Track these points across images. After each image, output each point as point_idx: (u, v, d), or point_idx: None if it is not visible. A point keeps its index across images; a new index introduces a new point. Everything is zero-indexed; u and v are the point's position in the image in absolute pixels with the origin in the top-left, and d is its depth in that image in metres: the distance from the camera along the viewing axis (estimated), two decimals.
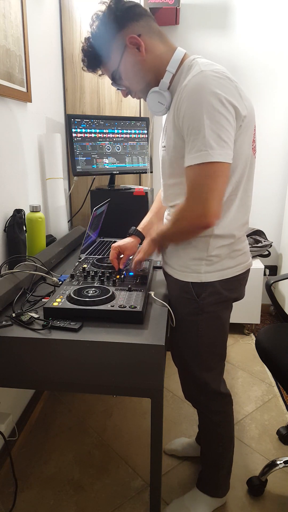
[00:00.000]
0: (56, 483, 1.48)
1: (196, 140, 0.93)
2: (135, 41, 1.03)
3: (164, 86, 1.05)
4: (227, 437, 1.30)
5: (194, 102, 0.93)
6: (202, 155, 0.93)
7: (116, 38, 1.04)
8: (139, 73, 1.07)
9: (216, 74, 0.94)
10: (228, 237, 1.10)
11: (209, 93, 0.92)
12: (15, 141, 1.53)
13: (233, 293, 1.16)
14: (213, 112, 0.92)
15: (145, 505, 1.39)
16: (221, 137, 0.93)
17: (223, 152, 0.93)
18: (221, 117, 0.92)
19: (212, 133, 0.92)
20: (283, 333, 1.41)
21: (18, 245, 1.43)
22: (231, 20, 2.45)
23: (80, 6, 1.97)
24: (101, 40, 1.06)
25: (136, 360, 0.96)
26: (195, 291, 1.12)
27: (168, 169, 1.12)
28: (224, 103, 0.92)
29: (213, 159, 0.92)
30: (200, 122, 0.92)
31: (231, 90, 0.94)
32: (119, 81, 1.11)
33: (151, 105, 1.08)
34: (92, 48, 1.08)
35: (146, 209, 1.87)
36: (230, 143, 0.95)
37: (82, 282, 1.20)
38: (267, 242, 2.61)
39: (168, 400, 1.95)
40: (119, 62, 1.06)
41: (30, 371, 1.00)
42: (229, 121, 0.94)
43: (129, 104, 2.08)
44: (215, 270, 1.11)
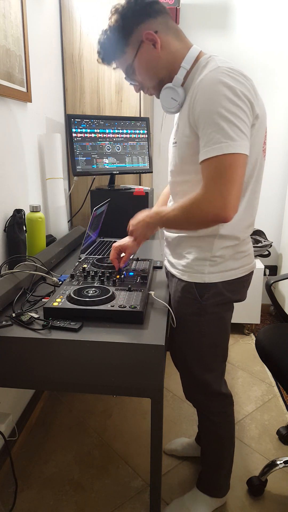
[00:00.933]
0: (56, 483, 1.48)
1: (214, 132, 0.92)
2: (152, 37, 1.03)
3: (178, 82, 1.05)
4: (227, 437, 1.30)
5: (211, 96, 0.93)
6: (222, 147, 0.91)
7: (133, 33, 1.04)
8: (153, 69, 1.07)
9: (232, 70, 0.94)
10: (233, 238, 1.09)
11: (225, 86, 0.91)
12: (15, 141, 1.53)
13: (235, 295, 1.16)
14: (230, 104, 0.91)
15: (145, 505, 1.39)
16: (240, 129, 0.92)
17: (243, 144, 0.92)
18: (238, 109, 0.92)
19: (232, 125, 0.91)
20: (283, 333, 1.41)
21: (18, 245, 1.43)
22: (231, 20, 2.45)
23: (80, 6, 1.97)
24: (118, 33, 1.06)
25: (136, 360, 0.96)
26: (198, 291, 1.12)
27: (177, 166, 1.10)
28: (240, 96, 0.92)
29: (235, 150, 0.91)
30: (218, 114, 0.91)
31: (246, 87, 0.94)
32: (132, 76, 1.11)
33: (164, 101, 1.07)
34: (108, 41, 1.08)
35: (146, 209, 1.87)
36: (248, 135, 0.94)
37: (82, 282, 1.20)
38: (267, 242, 2.61)
39: (168, 400, 1.95)
40: (134, 57, 1.06)
41: (30, 371, 1.00)
42: (246, 114, 0.93)
43: (129, 104, 2.08)
44: (219, 271, 1.10)
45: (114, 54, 1.10)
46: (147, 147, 2.03)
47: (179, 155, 1.08)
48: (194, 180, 1.06)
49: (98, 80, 2.06)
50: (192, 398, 1.30)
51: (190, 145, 1.02)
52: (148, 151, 2.03)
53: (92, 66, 2.04)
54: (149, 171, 2.05)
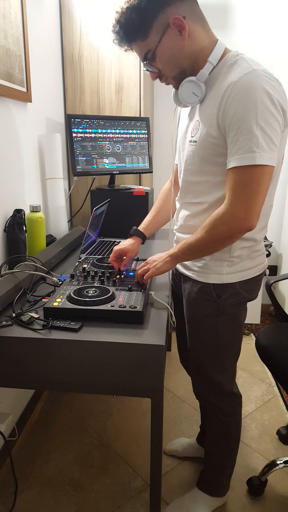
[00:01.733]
0: (56, 483, 1.48)
1: (247, 140, 0.90)
2: (179, 23, 0.96)
3: (203, 77, 1.00)
4: (234, 438, 1.30)
5: (248, 101, 0.89)
6: (255, 156, 0.90)
7: (159, 16, 0.96)
8: (176, 58, 1.00)
9: (267, 75, 0.91)
10: (251, 240, 1.09)
11: (263, 93, 0.89)
12: (15, 141, 1.53)
13: (251, 294, 1.15)
14: (267, 113, 0.89)
15: (145, 505, 1.39)
16: (272, 140, 0.91)
17: (272, 155, 0.91)
18: (273, 119, 0.90)
19: (265, 135, 0.89)
20: (283, 333, 1.41)
21: (18, 245, 1.43)
22: (231, 20, 2.45)
23: (80, 6, 1.97)
24: (142, 14, 0.96)
25: (136, 360, 0.96)
26: (215, 292, 1.11)
27: (196, 166, 1.06)
28: (275, 103, 0.90)
29: (266, 162, 0.90)
30: (253, 121, 0.89)
31: (280, 93, 0.92)
32: (151, 62, 1.02)
33: (184, 95, 1.01)
34: (130, 22, 0.98)
35: (146, 209, 1.87)
36: (278, 146, 0.93)
37: (82, 282, 1.20)
38: (267, 242, 2.61)
39: (168, 400, 1.95)
40: (157, 42, 0.98)
41: (30, 371, 1.00)
42: (280, 124, 0.92)
43: (129, 104, 2.08)
44: (236, 271, 1.09)
45: (134, 37, 1.00)
46: (147, 147, 2.03)
47: (199, 155, 1.04)
48: (212, 181, 1.04)
49: (98, 80, 2.06)
50: (204, 399, 1.29)
51: (215, 146, 0.99)
52: (148, 151, 2.03)
53: (92, 66, 2.04)
54: (149, 171, 2.05)
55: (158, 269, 1.13)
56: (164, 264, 1.13)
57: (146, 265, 1.17)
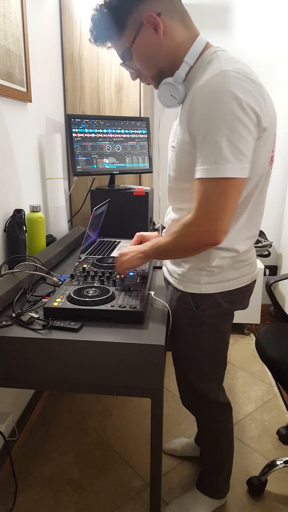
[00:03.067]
0: (56, 483, 1.48)
1: (211, 151, 0.84)
2: (154, 20, 0.90)
3: (179, 79, 0.93)
4: (226, 444, 1.28)
5: (212, 107, 0.83)
6: (217, 169, 0.84)
7: (132, 13, 0.90)
8: (154, 57, 0.95)
9: (238, 75, 0.83)
10: (231, 250, 1.03)
11: (229, 97, 0.81)
12: (15, 141, 1.53)
13: (235, 306, 1.10)
14: (233, 119, 0.82)
15: (145, 505, 1.39)
16: (240, 149, 0.83)
17: (240, 167, 0.84)
18: (241, 125, 0.82)
19: (231, 145, 0.82)
20: (283, 333, 1.41)
21: (18, 245, 1.43)
22: (231, 20, 2.45)
23: (80, 6, 1.97)
24: (115, 12, 0.92)
25: (136, 360, 0.96)
26: (194, 302, 1.06)
27: (175, 172, 1.02)
28: (245, 109, 0.82)
29: (230, 175, 0.84)
30: (218, 130, 0.82)
31: (253, 95, 0.84)
32: (129, 62, 0.99)
33: (162, 97, 0.97)
34: (103, 20, 0.93)
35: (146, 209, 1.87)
36: (249, 155, 0.86)
37: (82, 282, 1.20)
38: (267, 242, 2.61)
39: (168, 400, 1.95)
40: (132, 41, 0.93)
41: (30, 371, 1.00)
42: (250, 131, 0.84)
43: (129, 104, 2.08)
44: (216, 282, 1.04)
45: (109, 35, 0.96)
46: (147, 147, 2.03)
47: (177, 162, 0.99)
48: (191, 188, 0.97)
49: (98, 80, 2.06)
50: (190, 406, 1.29)
51: (190, 153, 0.93)
52: (148, 151, 2.03)
53: (92, 66, 2.04)
54: (149, 171, 2.05)
55: (130, 263, 1.09)
56: (136, 259, 1.09)
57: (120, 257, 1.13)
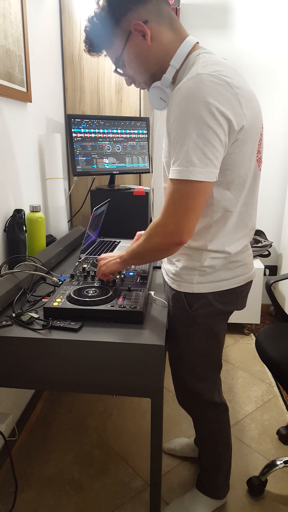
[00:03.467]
0: (56, 483, 1.48)
1: (179, 153, 0.87)
2: (141, 28, 0.94)
3: (167, 82, 0.97)
4: (223, 444, 1.28)
5: (183, 111, 0.85)
6: (182, 171, 0.86)
7: (120, 22, 0.95)
8: (144, 63, 0.99)
9: (213, 78, 0.84)
10: (223, 252, 1.04)
11: (200, 102, 0.83)
12: (15, 141, 1.53)
13: (228, 307, 1.10)
14: (201, 125, 0.83)
15: (145, 505, 1.39)
16: (206, 154, 0.85)
17: (205, 171, 0.86)
18: (209, 131, 0.84)
19: (196, 149, 0.84)
20: (283, 333, 1.41)
21: (18, 245, 1.43)
22: (231, 20, 2.45)
23: (80, 6, 1.97)
24: (105, 22, 0.97)
25: (136, 360, 0.96)
26: (187, 301, 1.07)
27: (165, 173, 1.06)
28: (215, 114, 0.84)
29: (193, 178, 0.86)
30: (186, 134, 0.85)
31: (227, 98, 0.85)
32: (122, 69, 1.03)
33: (153, 101, 1.01)
34: (95, 30, 0.99)
35: (146, 209, 1.87)
36: (216, 160, 0.87)
37: (82, 282, 1.20)
38: (267, 242, 2.61)
39: (168, 400, 1.95)
40: (122, 49, 0.98)
41: (30, 371, 1.00)
42: (218, 136, 0.85)
43: (129, 104, 2.08)
44: (208, 281, 1.04)
45: (101, 45, 1.01)
46: (147, 147, 2.03)
47: (166, 162, 1.03)
48: None
49: (98, 80, 2.06)
50: (185, 406, 1.29)
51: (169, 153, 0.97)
52: (148, 151, 2.03)
53: (92, 66, 2.04)
54: (149, 171, 2.05)
55: (108, 267, 1.13)
56: (114, 264, 1.12)
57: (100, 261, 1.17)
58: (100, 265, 1.16)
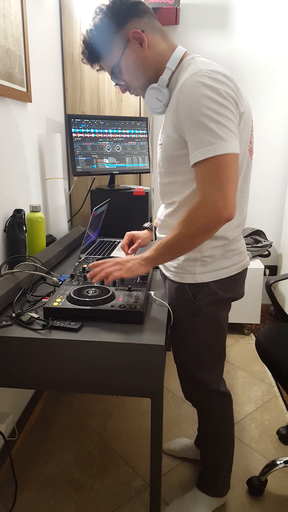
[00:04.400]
0: (56, 483, 1.48)
1: (204, 134, 0.91)
2: (139, 36, 1.03)
3: (163, 83, 1.05)
4: (226, 437, 1.30)
5: (193, 99, 0.92)
6: (215, 148, 0.90)
7: (119, 32, 1.04)
8: (140, 69, 1.07)
9: (212, 72, 0.93)
10: (222, 239, 1.09)
11: (207, 88, 0.91)
12: (15, 141, 1.53)
13: (229, 293, 1.15)
14: (215, 104, 0.90)
15: (145, 505, 1.39)
16: (229, 128, 0.91)
17: (233, 143, 0.91)
18: (224, 108, 0.91)
19: (220, 125, 0.90)
20: (283, 333, 1.41)
21: (18, 245, 1.43)
22: (231, 20, 2.45)
23: (80, 6, 1.97)
24: (104, 33, 1.05)
25: (136, 360, 0.96)
26: (191, 292, 1.12)
27: (164, 168, 1.10)
28: (223, 95, 0.91)
29: (227, 151, 0.90)
30: (204, 116, 0.90)
31: (229, 86, 0.93)
32: (118, 76, 1.10)
33: (149, 101, 1.08)
34: (93, 41, 1.07)
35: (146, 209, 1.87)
36: (237, 133, 0.94)
37: (82, 282, 1.20)
38: (267, 242, 2.61)
39: (168, 400, 1.95)
40: (120, 56, 1.06)
41: (30, 371, 1.01)
42: (233, 112, 0.93)
43: (129, 104, 2.08)
44: (210, 271, 1.10)
45: (99, 54, 1.09)
46: (147, 147, 2.03)
47: (165, 157, 1.07)
48: (181, 181, 1.06)
49: (98, 80, 2.06)
50: (191, 398, 1.30)
51: (175, 145, 1.02)
52: (148, 151, 2.03)
53: None
54: (149, 171, 2.05)
55: (132, 271, 1.07)
56: (139, 267, 1.07)
57: (117, 264, 1.08)
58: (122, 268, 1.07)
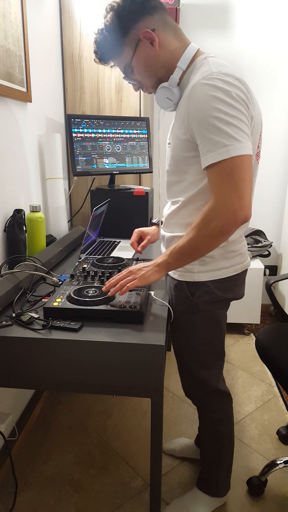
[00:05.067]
0: (56, 483, 1.48)
1: (217, 137, 0.91)
2: (149, 35, 1.01)
3: (174, 82, 1.04)
4: (226, 435, 1.30)
5: (205, 102, 0.92)
6: (229, 150, 0.90)
7: (130, 32, 1.03)
8: (152, 68, 1.06)
9: (225, 75, 0.92)
10: None
11: (219, 91, 0.91)
12: (15, 141, 1.53)
13: (228, 294, 1.15)
14: (227, 107, 0.90)
15: (145, 505, 1.39)
16: (242, 130, 0.91)
17: (247, 145, 0.91)
18: (236, 111, 0.91)
19: (233, 127, 0.90)
20: (283, 333, 1.41)
21: (18, 245, 1.43)
22: (231, 20, 2.45)
23: (80, 6, 1.97)
24: (115, 33, 1.04)
25: (136, 360, 0.96)
26: (189, 290, 1.12)
27: (171, 166, 1.10)
28: (235, 98, 0.91)
29: (241, 152, 0.90)
30: (217, 119, 0.90)
31: (241, 90, 0.93)
32: (131, 75, 1.10)
33: (160, 100, 1.07)
34: (105, 41, 1.06)
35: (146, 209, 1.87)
36: (250, 135, 0.94)
37: (82, 282, 1.20)
38: (267, 242, 2.61)
39: (168, 400, 1.95)
40: (132, 56, 1.05)
41: (30, 371, 1.00)
42: (245, 114, 0.93)
43: (129, 104, 2.08)
44: (208, 270, 1.10)
45: (111, 54, 1.08)
46: (147, 147, 2.03)
47: (173, 156, 1.07)
48: (188, 180, 1.06)
49: (98, 80, 2.06)
50: (191, 395, 1.30)
51: (184, 147, 1.02)
52: (148, 151, 2.03)
53: (92, 66, 2.04)
54: (149, 171, 2.05)
55: (146, 279, 1.05)
56: (153, 274, 1.05)
57: (130, 274, 1.07)
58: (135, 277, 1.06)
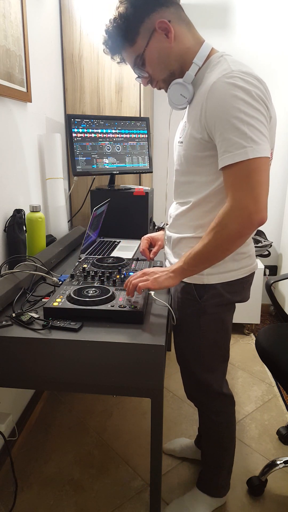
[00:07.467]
0: (56, 483, 1.48)
1: (236, 137, 0.89)
2: (165, 26, 0.99)
3: (189, 79, 1.01)
4: (228, 437, 1.30)
5: (226, 100, 0.90)
6: (247, 151, 0.88)
7: (145, 21, 1.00)
8: (165, 60, 1.03)
9: (245, 74, 0.91)
10: None
11: (240, 90, 0.89)
12: (15, 141, 1.53)
13: (235, 296, 1.14)
14: (248, 107, 0.89)
15: (145, 505, 1.39)
16: (261, 131, 0.90)
17: (266, 147, 0.90)
18: (256, 111, 0.90)
19: (253, 128, 0.89)
20: (283, 333, 1.41)
21: (18, 245, 1.43)
22: (231, 20, 2.45)
23: (80, 6, 1.97)
24: (128, 22, 1.01)
25: (136, 360, 0.96)
26: (197, 292, 1.11)
27: (181, 166, 1.08)
28: (256, 98, 0.90)
29: (259, 154, 0.89)
30: (237, 119, 0.89)
31: (261, 90, 0.92)
32: (141, 68, 1.06)
33: (173, 97, 1.04)
34: (117, 30, 1.03)
35: (146, 209, 1.87)
36: (268, 137, 0.93)
37: (82, 282, 1.20)
38: (267, 242, 2.61)
39: (168, 400, 1.95)
40: (145, 46, 1.02)
41: (30, 371, 1.00)
42: (264, 115, 0.92)
43: (129, 104, 2.08)
44: (218, 273, 1.08)
45: (123, 44, 1.05)
46: (147, 147, 2.03)
47: (185, 156, 1.05)
48: (198, 181, 1.04)
49: (98, 80, 2.06)
50: (193, 398, 1.30)
51: (199, 146, 1.00)
52: (148, 151, 2.03)
53: (92, 66, 2.04)
54: (149, 171, 2.05)
55: (159, 283, 1.05)
56: (167, 279, 1.05)
57: (143, 276, 1.08)
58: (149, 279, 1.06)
